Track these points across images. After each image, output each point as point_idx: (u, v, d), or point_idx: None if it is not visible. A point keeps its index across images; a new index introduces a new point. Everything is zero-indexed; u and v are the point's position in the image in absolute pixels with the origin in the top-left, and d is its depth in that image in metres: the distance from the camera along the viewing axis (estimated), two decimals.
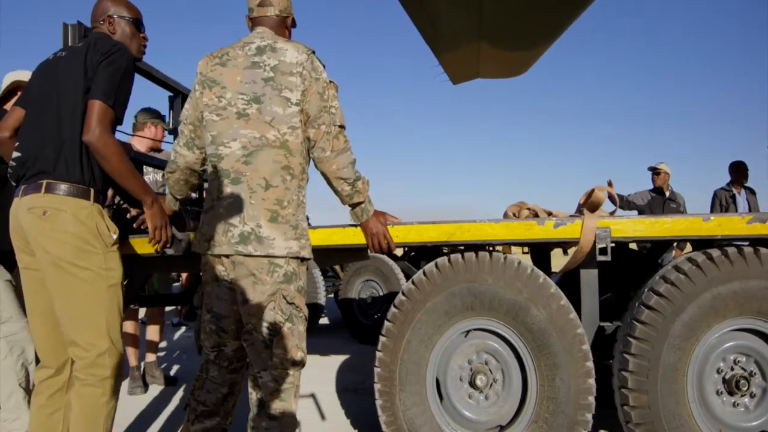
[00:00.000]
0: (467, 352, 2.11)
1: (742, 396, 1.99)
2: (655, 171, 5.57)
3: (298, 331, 1.74)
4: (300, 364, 1.75)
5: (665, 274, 1.95)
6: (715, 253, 1.91)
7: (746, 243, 1.97)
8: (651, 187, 5.63)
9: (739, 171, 5.59)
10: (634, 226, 1.93)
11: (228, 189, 1.72)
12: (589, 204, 2.03)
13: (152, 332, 3.69)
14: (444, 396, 2.13)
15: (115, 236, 1.85)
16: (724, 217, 1.89)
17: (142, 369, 3.53)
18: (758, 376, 1.99)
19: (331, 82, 1.82)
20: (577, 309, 2.09)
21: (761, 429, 1.99)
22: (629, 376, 1.93)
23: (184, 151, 1.88)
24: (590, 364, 1.96)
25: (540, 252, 2.85)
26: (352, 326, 5.19)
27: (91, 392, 1.71)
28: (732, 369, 1.99)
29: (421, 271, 2.08)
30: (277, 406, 1.70)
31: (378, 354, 2.09)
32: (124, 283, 2.01)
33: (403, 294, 2.08)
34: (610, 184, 5.73)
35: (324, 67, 1.82)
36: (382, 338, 2.09)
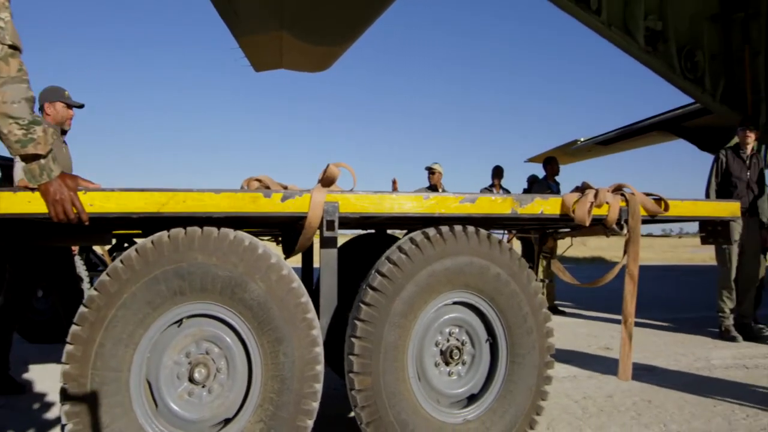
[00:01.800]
0: (183, 344, 1.83)
1: (455, 365, 2.14)
2: (430, 171, 6.24)
3: None
4: None
5: (389, 255, 1.98)
6: (431, 231, 2.00)
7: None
8: (428, 185, 6.27)
9: (497, 173, 6.60)
10: (361, 202, 1.91)
11: None
12: (324, 179, 1.95)
13: None
14: (158, 401, 1.82)
15: None
16: (441, 196, 2.00)
17: None
18: (468, 345, 2.17)
19: None
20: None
21: (470, 393, 2.18)
22: (355, 359, 1.91)
23: None
24: (316, 332, 1.87)
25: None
26: None
27: None
28: (448, 341, 2.13)
29: (118, 258, 1.73)
30: None
31: (63, 368, 1.67)
32: None
33: (95, 289, 1.71)
34: (394, 182, 6.14)
35: None
36: (67, 347, 1.67)
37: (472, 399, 2.18)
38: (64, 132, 3.46)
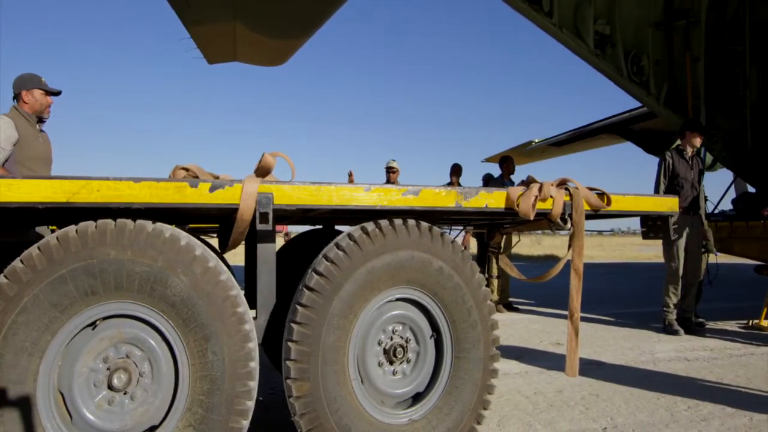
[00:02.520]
0: (99, 348, 1.67)
1: (400, 363, 2.07)
2: (391, 170, 6.23)
3: None
4: None
5: (326, 253, 1.88)
6: (370, 226, 1.91)
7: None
8: (384, 181, 6.24)
9: (455, 170, 6.65)
10: (298, 193, 1.80)
11: None
12: (259, 169, 1.84)
13: None
14: (72, 412, 1.65)
15: None
16: (383, 188, 1.91)
17: None
18: (413, 342, 2.10)
19: None
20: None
21: (415, 391, 2.11)
22: (292, 364, 1.80)
23: None
24: (248, 327, 1.76)
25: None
26: None
27: None
28: (391, 339, 2.05)
29: (18, 258, 1.56)
30: None
31: None
32: None
33: None
34: (350, 174, 6.08)
35: None
36: None
37: (417, 398, 2.11)
38: (41, 120, 3.33)
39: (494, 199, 2.08)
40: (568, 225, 2.24)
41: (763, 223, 5.22)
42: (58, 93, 3.34)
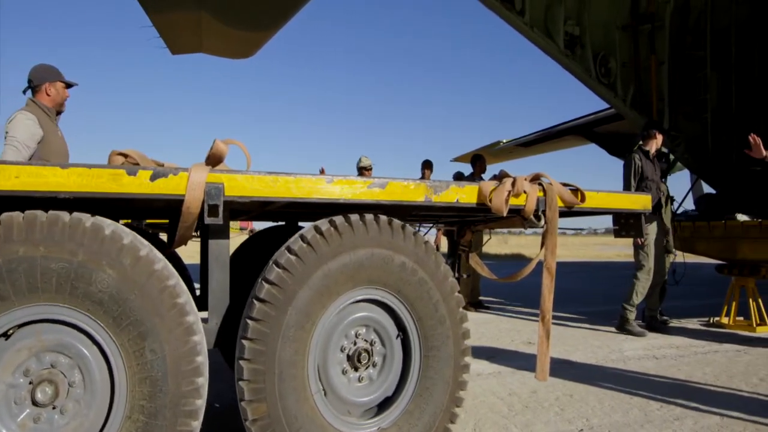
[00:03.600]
0: (17, 360, 1.46)
1: (365, 368, 1.92)
2: (367, 168, 6.10)
3: None
4: None
5: (277, 258, 1.71)
6: (324, 225, 1.76)
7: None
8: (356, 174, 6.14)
9: (427, 165, 6.61)
10: (252, 184, 1.63)
11: None
12: (210, 157, 1.66)
13: None
14: None
15: None
16: (347, 179, 1.77)
17: None
18: (378, 344, 1.96)
19: None
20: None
21: (384, 396, 1.96)
22: (245, 385, 1.64)
23: None
24: (192, 318, 1.58)
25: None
26: None
27: None
28: (354, 344, 1.90)
29: None
30: None
31: None
32: None
33: None
34: (322, 171, 5.93)
35: None
36: None
37: (386, 403, 1.97)
38: (58, 113, 3.16)
39: (466, 194, 1.97)
40: (542, 222, 2.15)
41: (724, 223, 5.33)
42: (74, 85, 3.20)
